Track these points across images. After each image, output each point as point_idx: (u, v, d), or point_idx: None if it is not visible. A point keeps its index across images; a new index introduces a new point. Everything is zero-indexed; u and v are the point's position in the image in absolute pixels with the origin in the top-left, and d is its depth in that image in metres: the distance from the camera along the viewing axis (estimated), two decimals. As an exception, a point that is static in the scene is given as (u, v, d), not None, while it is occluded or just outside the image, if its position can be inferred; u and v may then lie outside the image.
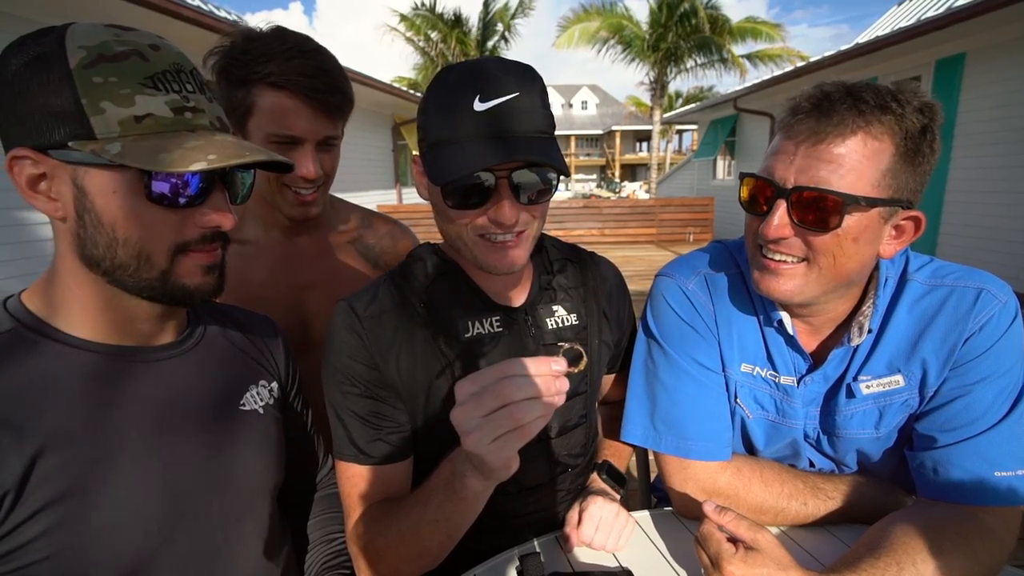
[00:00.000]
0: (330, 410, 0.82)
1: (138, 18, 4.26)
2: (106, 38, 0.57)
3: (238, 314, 0.87)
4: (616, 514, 0.84)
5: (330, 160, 1.04)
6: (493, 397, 0.52)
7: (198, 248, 0.64)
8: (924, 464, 0.77)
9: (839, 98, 0.70)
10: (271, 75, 0.92)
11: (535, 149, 0.68)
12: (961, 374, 0.76)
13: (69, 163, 0.57)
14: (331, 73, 0.97)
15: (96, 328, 0.64)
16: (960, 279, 0.78)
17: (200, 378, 0.73)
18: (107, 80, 0.56)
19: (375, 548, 0.75)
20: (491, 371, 0.54)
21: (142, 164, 0.55)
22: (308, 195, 1.02)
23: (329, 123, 0.99)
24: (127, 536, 0.61)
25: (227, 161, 0.58)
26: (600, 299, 0.94)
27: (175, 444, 0.67)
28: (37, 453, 0.57)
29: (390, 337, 0.80)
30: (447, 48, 16.97)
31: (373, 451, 0.79)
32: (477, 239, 0.74)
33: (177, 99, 0.59)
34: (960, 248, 5.86)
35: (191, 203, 0.62)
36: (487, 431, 0.53)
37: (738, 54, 14.73)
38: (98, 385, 0.63)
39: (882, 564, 0.67)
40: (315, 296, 1.15)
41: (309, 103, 0.95)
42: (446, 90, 0.70)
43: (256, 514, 0.78)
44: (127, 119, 0.56)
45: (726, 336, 0.89)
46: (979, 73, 5.73)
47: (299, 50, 0.95)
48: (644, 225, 10.90)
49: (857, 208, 0.70)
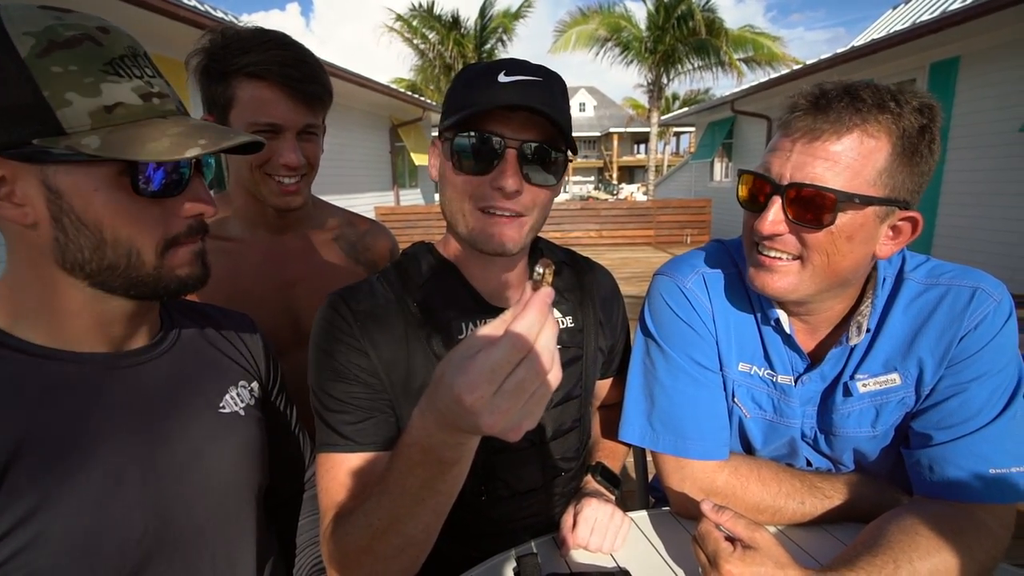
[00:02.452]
0: (313, 400, 0.80)
1: (135, 18, 4.24)
2: (49, 22, 0.52)
3: (214, 313, 0.84)
4: (611, 515, 0.84)
5: (312, 149, 1.05)
6: (516, 387, 0.44)
7: (187, 240, 0.62)
8: (920, 462, 0.78)
9: (837, 96, 0.70)
10: (249, 65, 0.94)
11: (558, 119, 0.70)
12: (956, 372, 0.76)
13: (35, 163, 0.52)
14: (308, 63, 0.99)
15: (65, 335, 0.60)
16: (956, 278, 0.79)
17: (177, 382, 0.70)
18: (67, 69, 0.51)
19: (345, 552, 0.67)
20: (502, 357, 0.43)
21: (130, 156, 0.52)
22: (291, 185, 1.03)
23: (308, 112, 1.01)
24: (107, 551, 0.58)
25: (218, 145, 0.55)
26: (596, 304, 0.94)
27: (153, 452, 0.64)
28: (3, 470, 0.53)
29: (382, 332, 0.79)
30: (445, 50, 16.99)
31: (357, 436, 0.75)
32: (477, 212, 0.75)
33: (141, 85, 0.56)
34: (955, 250, 5.89)
35: (174, 193, 0.59)
36: (514, 415, 0.45)
37: (736, 58, 14.79)
38: (68, 395, 0.59)
39: (879, 562, 0.68)
40: (302, 292, 1.15)
41: (288, 91, 0.97)
42: (473, 71, 0.76)
43: (241, 518, 0.75)
44: (97, 110, 0.52)
45: (724, 335, 0.89)
46: (973, 76, 5.77)
47: (276, 43, 0.97)
48: (641, 227, 10.92)
49: (851, 206, 0.70)
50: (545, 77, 0.73)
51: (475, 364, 0.43)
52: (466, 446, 0.54)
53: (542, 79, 0.73)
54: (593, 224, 11.01)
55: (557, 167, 0.76)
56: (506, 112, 0.71)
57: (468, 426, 0.46)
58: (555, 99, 0.72)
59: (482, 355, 0.43)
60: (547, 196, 0.77)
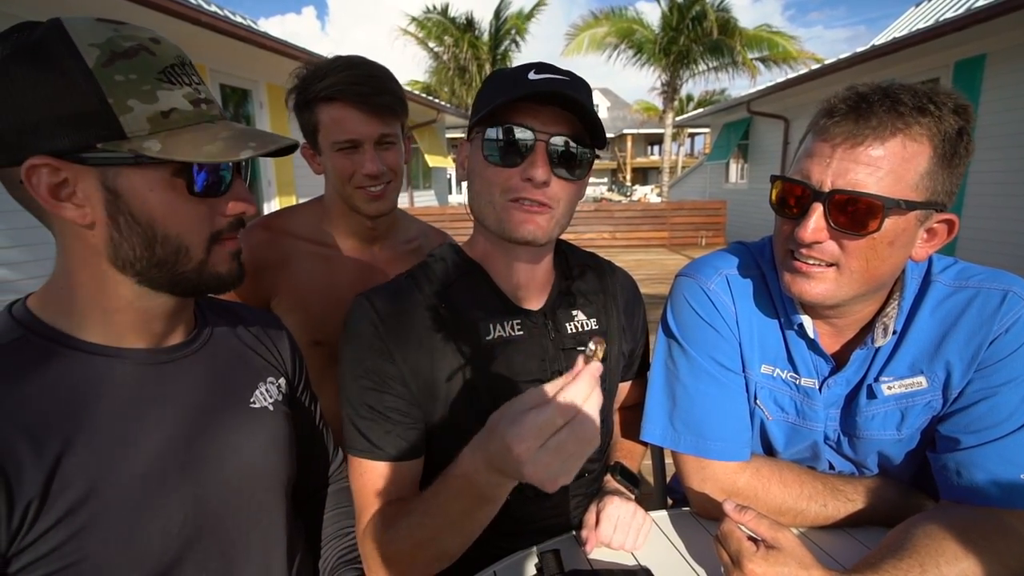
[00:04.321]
0: (344, 403, 0.82)
1: (159, 24, 4.34)
2: (109, 34, 0.56)
3: (243, 311, 0.87)
4: (633, 513, 0.84)
5: (391, 157, 1.14)
6: (558, 446, 0.51)
7: (228, 236, 0.66)
8: (947, 466, 0.77)
9: (877, 100, 0.69)
10: (324, 90, 1.05)
11: (579, 101, 0.72)
12: (986, 376, 0.76)
13: (97, 167, 0.56)
14: (377, 78, 1.08)
15: (112, 332, 0.64)
16: (986, 281, 0.78)
17: (210, 377, 0.73)
18: (128, 78, 0.55)
19: (388, 555, 0.75)
20: (550, 418, 0.50)
21: (191, 158, 0.56)
22: (377, 191, 1.13)
23: (381, 122, 1.09)
24: (148, 539, 0.61)
25: (267, 147, 0.60)
26: (619, 307, 0.95)
27: (190, 445, 0.67)
28: (57, 461, 0.56)
29: (408, 335, 0.80)
30: (459, 52, 17.06)
31: (386, 446, 0.79)
32: (506, 203, 0.77)
33: (191, 91, 0.60)
34: (979, 252, 5.75)
35: (218, 193, 0.63)
36: (553, 469, 0.51)
37: (751, 57, 14.64)
38: (113, 389, 0.62)
39: (904, 566, 0.67)
40: None
41: (359, 107, 1.06)
42: (504, 72, 0.80)
43: (271, 511, 0.77)
44: (155, 115, 0.56)
45: (747, 337, 0.89)
46: (1000, 75, 5.63)
47: (346, 64, 1.07)
48: (655, 229, 10.85)
49: (896, 211, 0.69)
50: (573, 78, 0.77)
51: (527, 419, 0.51)
52: (505, 487, 0.62)
53: (570, 79, 0.76)
54: (607, 226, 10.96)
55: (584, 163, 0.78)
56: (536, 107, 0.74)
57: (512, 472, 0.54)
58: (582, 97, 0.74)
59: (533, 413, 0.51)
60: (574, 191, 0.79)
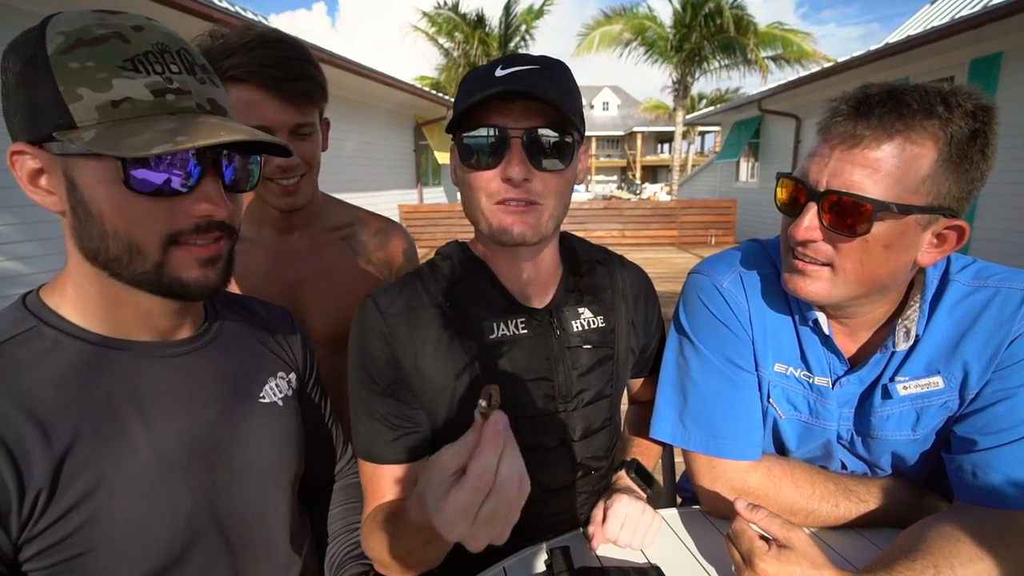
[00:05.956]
0: (350, 404, 0.84)
1: (168, 19, 4.38)
2: (88, 22, 0.55)
3: (255, 306, 0.87)
4: (642, 511, 0.84)
5: (307, 148, 1.02)
6: (488, 517, 0.50)
7: (191, 240, 0.60)
8: (963, 467, 0.76)
9: (879, 100, 0.68)
10: (231, 69, 0.92)
11: (549, 99, 0.68)
12: (1004, 377, 0.75)
13: (58, 155, 0.55)
14: (294, 60, 0.96)
15: (117, 325, 0.63)
16: (1005, 280, 0.77)
17: (220, 371, 0.73)
18: (84, 65, 0.53)
19: (377, 555, 0.78)
20: (469, 499, 0.49)
21: (106, 149, 0.52)
22: (290, 185, 1.03)
23: (296, 111, 0.98)
24: (156, 531, 0.62)
25: (194, 143, 0.53)
26: (628, 303, 0.94)
27: (199, 437, 0.67)
28: (66, 451, 0.56)
29: (413, 334, 0.80)
30: (470, 48, 17.05)
31: (387, 452, 0.81)
32: (493, 207, 0.75)
33: (159, 80, 0.55)
34: (995, 254, 5.67)
35: (177, 191, 0.58)
36: (494, 532, 0.51)
37: (763, 55, 14.50)
38: (121, 381, 0.62)
39: (918, 567, 0.66)
40: (307, 292, 1.15)
41: (272, 92, 0.94)
42: (473, 74, 0.76)
43: (278, 506, 0.78)
44: (104, 104, 0.53)
45: (760, 335, 0.88)
46: (1016, 73, 5.53)
47: (260, 41, 0.94)
48: (665, 227, 10.79)
49: (889, 215, 0.68)
50: (544, 65, 0.73)
51: (447, 507, 0.49)
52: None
53: (539, 67, 0.72)
54: (616, 224, 10.91)
55: (565, 151, 0.74)
56: (506, 103, 0.71)
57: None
58: (555, 84, 0.71)
59: (452, 495, 0.49)
60: (560, 181, 0.76)
